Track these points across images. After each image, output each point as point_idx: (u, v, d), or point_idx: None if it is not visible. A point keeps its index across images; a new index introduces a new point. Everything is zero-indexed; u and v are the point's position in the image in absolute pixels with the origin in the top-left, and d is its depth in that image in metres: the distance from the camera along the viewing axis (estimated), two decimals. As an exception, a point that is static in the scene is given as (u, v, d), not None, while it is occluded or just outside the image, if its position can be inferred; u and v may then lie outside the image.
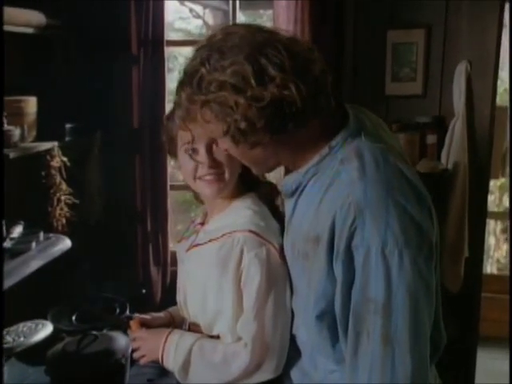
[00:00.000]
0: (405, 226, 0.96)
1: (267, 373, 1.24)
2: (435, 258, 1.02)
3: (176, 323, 1.46)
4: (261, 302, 1.23)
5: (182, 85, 1.06)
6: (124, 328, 1.52)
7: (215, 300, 1.28)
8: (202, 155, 1.27)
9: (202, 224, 1.45)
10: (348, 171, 1.01)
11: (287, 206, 1.20)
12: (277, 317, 1.23)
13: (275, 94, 0.98)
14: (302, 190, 1.12)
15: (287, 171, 1.20)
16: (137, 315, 1.49)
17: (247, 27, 1.05)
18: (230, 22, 2.78)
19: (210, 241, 1.32)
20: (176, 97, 1.10)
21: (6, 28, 1.93)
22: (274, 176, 1.42)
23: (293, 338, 1.23)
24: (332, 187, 1.03)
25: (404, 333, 0.96)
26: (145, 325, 1.44)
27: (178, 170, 1.42)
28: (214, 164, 1.28)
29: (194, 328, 1.38)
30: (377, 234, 0.96)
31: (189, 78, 1.03)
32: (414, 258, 0.96)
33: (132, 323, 1.45)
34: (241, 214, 1.31)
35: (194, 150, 1.29)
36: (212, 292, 1.28)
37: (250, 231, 1.25)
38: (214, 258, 1.27)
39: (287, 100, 0.99)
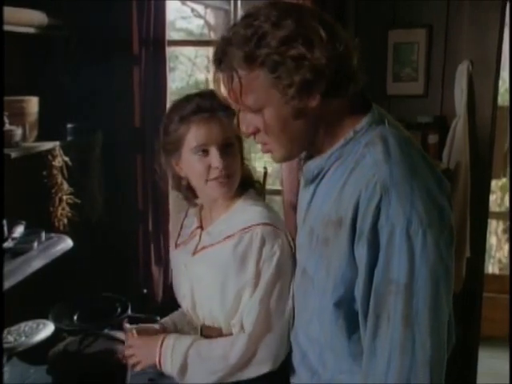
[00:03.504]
0: (429, 207, 0.98)
1: (264, 363, 1.25)
2: (454, 243, 1.02)
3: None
4: (268, 287, 1.26)
5: (231, 48, 1.04)
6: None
7: (235, 295, 1.29)
8: (216, 158, 1.29)
9: (201, 227, 1.44)
10: (373, 154, 1.03)
11: (305, 193, 1.20)
12: (280, 305, 1.26)
13: (342, 47, 1.01)
14: (323, 176, 1.13)
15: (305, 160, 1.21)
16: (133, 326, 1.48)
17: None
18: (232, 22, 2.78)
19: (225, 239, 1.32)
20: (216, 69, 1.09)
21: (8, 28, 1.93)
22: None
23: (302, 336, 1.22)
24: (356, 170, 1.04)
25: (425, 316, 0.97)
26: (140, 334, 1.43)
27: (174, 167, 1.40)
28: (227, 165, 1.29)
29: (207, 331, 1.37)
30: (402, 213, 0.96)
31: (245, 38, 1.02)
32: (436, 239, 0.97)
33: (130, 332, 1.44)
34: (251, 209, 1.34)
35: (204, 151, 1.29)
36: (231, 288, 1.29)
37: (268, 224, 1.29)
38: (231, 253, 1.29)
39: (349, 56, 1.03)
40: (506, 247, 4.14)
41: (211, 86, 1.32)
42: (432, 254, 0.97)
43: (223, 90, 1.13)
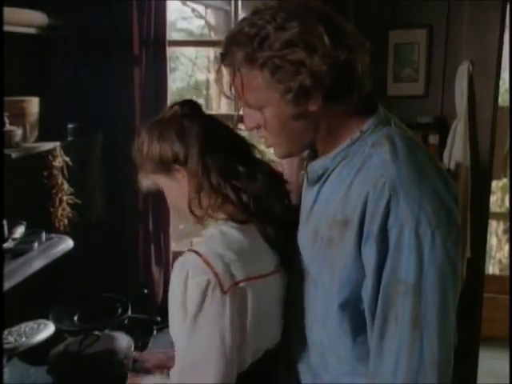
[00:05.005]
0: (437, 208, 0.98)
1: None
2: (460, 243, 1.03)
3: None
4: (185, 337, 1.10)
5: (234, 46, 1.05)
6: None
7: (175, 321, 1.16)
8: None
9: None
10: (380, 154, 1.03)
11: (309, 194, 1.18)
12: (200, 360, 1.08)
13: (345, 55, 1.00)
14: (328, 177, 1.12)
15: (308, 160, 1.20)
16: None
17: None
18: (232, 22, 2.79)
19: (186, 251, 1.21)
20: (218, 67, 1.10)
21: (9, 28, 1.93)
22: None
23: (303, 339, 1.20)
24: (363, 170, 1.04)
25: (433, 317, 0.97)
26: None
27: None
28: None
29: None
30: (410, 213, 0.97)
31: (248, 37, 1.02)
32: (444, 240, 0.97)
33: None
34: (209, 230, 1.19)
35: None
36: (172, 310, 1.16)
37: (199, 254, 1.11)
38: (173, 272, 1.16)
39: (352, 63, 1.01)
40: (507, 248, 4.14)
41: (212, 87, 1.32)
42: (440, 254, 0.97)
43: (225, 88, 1.14)
